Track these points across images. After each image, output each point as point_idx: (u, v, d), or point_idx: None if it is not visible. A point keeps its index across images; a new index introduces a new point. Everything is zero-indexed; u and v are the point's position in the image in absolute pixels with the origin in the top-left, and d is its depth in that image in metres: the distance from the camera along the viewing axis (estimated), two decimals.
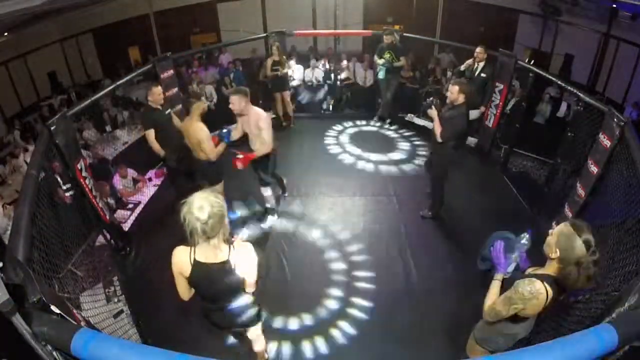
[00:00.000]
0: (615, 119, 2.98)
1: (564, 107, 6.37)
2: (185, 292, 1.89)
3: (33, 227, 2.08)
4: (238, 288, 1.89)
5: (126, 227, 4.14)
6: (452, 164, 3.76)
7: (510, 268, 1.84)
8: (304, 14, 9.17)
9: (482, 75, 4.94)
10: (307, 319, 3.04)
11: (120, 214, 4.30)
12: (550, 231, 1.67)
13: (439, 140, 3.47)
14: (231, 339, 2.67)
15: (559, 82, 4.37)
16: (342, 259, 3.63)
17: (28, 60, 8.10)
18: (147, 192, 4.77)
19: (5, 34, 6.80)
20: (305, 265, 3.58)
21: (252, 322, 2.16)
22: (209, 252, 1.75)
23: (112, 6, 8.25)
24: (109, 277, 3.40)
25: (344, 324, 2.99)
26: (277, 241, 3.83)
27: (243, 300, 1.98)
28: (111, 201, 4.29)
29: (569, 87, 4.02)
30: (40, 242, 2.41)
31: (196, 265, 1.76)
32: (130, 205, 4.48)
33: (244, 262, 1.80)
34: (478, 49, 4.90)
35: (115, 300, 3.24)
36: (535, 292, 1.58)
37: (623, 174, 2.86)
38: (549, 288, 1.58)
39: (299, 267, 3.55)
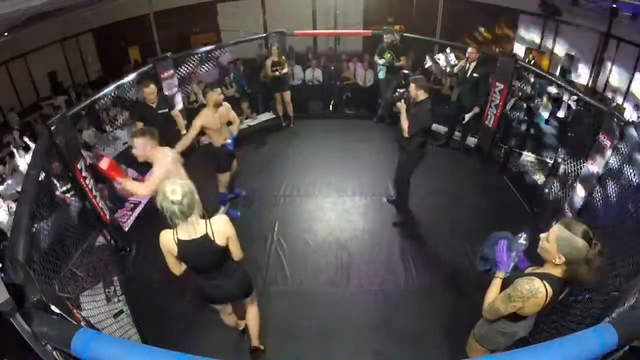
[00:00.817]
0: (615, 119, 2.98)
1: (564, 107, 6.36)
2: (175, 267, 2.09)
3: (33, 227, 2.08)
4: (223, 256, 2.07)
5: (126, 227, 4.14)
6: (419, 159, 3.78)
7: (510, 267, 1.85)
8: (304, 14, 9.16)
9: (474, 75, 4.93)
10: (307, 319, 3.03)
11: (120, 214, 4.29)
12: (541, 235, 1.65)
13: (406, 135, 3.53)
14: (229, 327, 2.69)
15: (559, 82, 4.37)
16: (342, 258, 3.62)
17: (28, 60, 8.10)
18: None
19: (5, 34, 6.78)
20: (305, 265, 3.57)
21: (244, 292, 2.35)
22: (190, 230, 1.92)
23: (112, 6, 8.24)
24: (109, 277, 3.40)
25: (343, 324, 2.99)
26: (277, 241, 3.84)
27: (232, 266, 2.18)
28: (110, 204, 4.29)
29: (569, 87, 4.03)
30: (40, 242, 2.41)
31: (180, 243, 1.94)
32: (131, 205, 4.48)
33: (222, 232, 1.99)
34: (470, 49, 4.92)
35: (115, 300, 3.25)
36: (534, 290, 1.58)
37: (623, 174, 2.86)
38: (548, 287, 1.58)
39: (299, 267, 3.55)
